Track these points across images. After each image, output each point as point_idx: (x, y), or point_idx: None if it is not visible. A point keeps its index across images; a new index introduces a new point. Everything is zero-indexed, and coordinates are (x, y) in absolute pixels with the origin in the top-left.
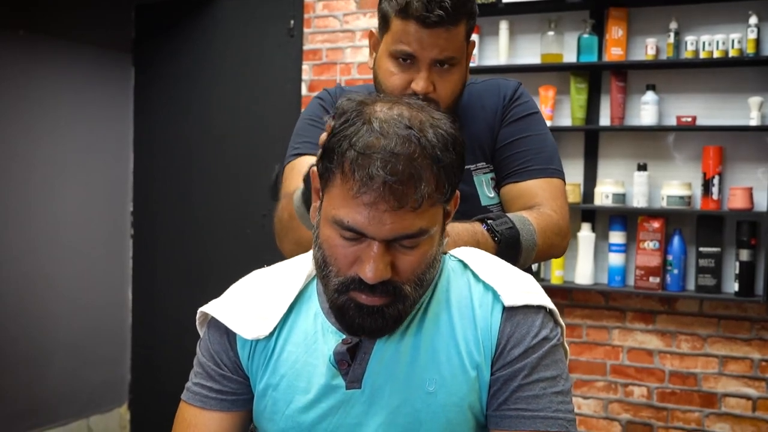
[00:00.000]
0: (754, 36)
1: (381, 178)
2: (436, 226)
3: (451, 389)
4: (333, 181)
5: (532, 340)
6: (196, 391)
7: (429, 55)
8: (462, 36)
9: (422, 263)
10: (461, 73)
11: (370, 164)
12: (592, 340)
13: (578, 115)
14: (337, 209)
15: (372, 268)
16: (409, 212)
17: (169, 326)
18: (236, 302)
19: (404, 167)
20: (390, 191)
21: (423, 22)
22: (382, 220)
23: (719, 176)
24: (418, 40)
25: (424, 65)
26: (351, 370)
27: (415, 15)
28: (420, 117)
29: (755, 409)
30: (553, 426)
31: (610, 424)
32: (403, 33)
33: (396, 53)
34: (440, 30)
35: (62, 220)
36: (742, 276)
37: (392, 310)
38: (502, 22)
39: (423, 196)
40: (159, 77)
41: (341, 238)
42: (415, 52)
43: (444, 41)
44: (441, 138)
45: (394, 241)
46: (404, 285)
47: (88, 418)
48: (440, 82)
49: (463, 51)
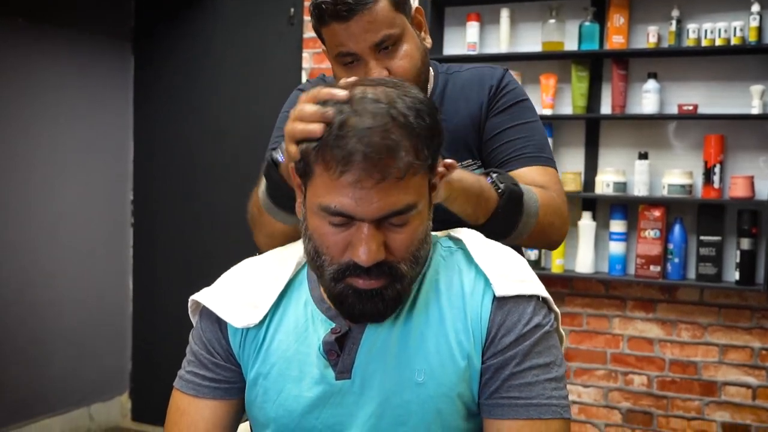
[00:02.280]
0: (756, 24)
1: (360, 153)
2: (422, 200)
3: (440, 379)
4: (314, 171)
5: (524, 327)
6: (189, 379)
7: (364, 45)
8: (387, 10)
9: (414, 240)
10: (411, 45)
11: (347, 143)
12: (592, 328)
13: (579, 103)
14: (321, 197)
15: (365, 250)
16: (394, 187)
17: (169, 315)
18: (227, 290)
19: (380, 139)
20: (372, 164)
21: (340, 18)
22: (369, 198)
23: (720, 165)
24: (346, 36)
25: (367, 56)
26: (340, 360)
27: (330, 16)
28: (388, 91)
29: (755, 398)
30: (546, 413)
31: (610, 413)
32: (332, 37)
33: (338, 58)
34: (359, 16)
35: (63, 210)
36: (743, 265)
37: (391, 291)
38: (503, 9)
39: (404, 164)
40: (159, 66)
41: (330, 226)
42: (351, 49)
43: (369, 24)
44: (411, 106)
45: (383, 220)
46: (399, 264)
47: (90, 406)
48: (392, 64)
49: (399, 23)
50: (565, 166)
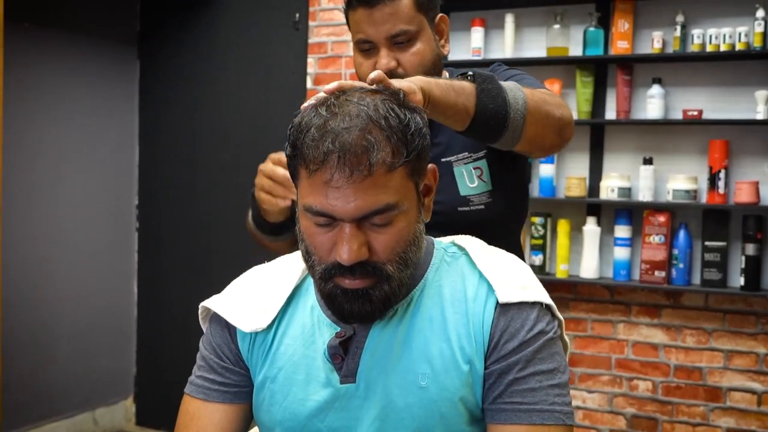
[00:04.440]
0: (761, 29)
1: (335, 152)
2: (406, 201)
3: (443, 383)
4: (299, 173)
5: (527, 334)
6: (199, 383)
7: (381, 34)
8: (409, 7)
9: (399, 241)
10: (425, 46)
11: (323, 143)
12: (597, 334)
13: (584, 108)
14: (305, 198)
15: (346, 250)
16: (371, 186)
17: (174, 319)
18: (235, 296)
19: (356, 139)
20: (344, 163)
21: (366, 4)
22: (346, 198)
23: (725, 170)
24: (367, 23)
25: (381, 44)
26: (344, 364)
27: (358, 2)
28: (370, 94)
29: (760, 404)
30: (549, 419)
31: (614, 418)
32: (356, 23)
33: (358, 44)
34: (383, 6)
35: (68, 212)
36: (748, 270)
37: (378, 292)
38: (507, 15)
39: (377, 161)
40: (164, 70)
41: (316, 226)
42: (369, 35)
43: (389, 16)
44: (389, 106)
45: (364, 220)
46: (385, 265)
47: (94, 410)
48: (403, 57)
49: (418, 23)
50: (570, 171)
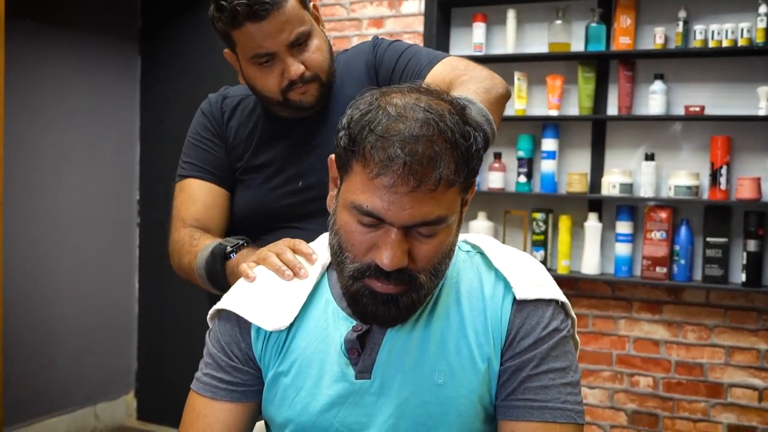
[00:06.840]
0: (763, 25)
1: (401, 159)
2: (454, 215)
3: (460, 381)
4: (352, 168)
5: (542, 331)
6: (206, 381)
7: (282, 43)
8: (296, 8)
9: (439, 253)
10: (320, 39)
11: (390, 146)
12: (598, 330)
13: (586, 104)
14: (356, 194)
15: (389, 255)
16: (428, 197)
17: (175, 315)
18: (252, 295)
19: (424, 149)
20: (410, 172)
21: (256, 17)
22: (402, 204)
23: (727, 166)
24: (262, 36)
25: (284, 53)
26: (361, 359)
27: (245, 17)
28: (437, 102)
29: (761, 400)
30: (561, 417)
31: (615, 414)
32: (246, 39)
33: (255, 59)
34: (274, 15)
35: (69, 210)
36: (750, 266)
37: (406, 299)
38: (509, 10)
39: (442, 176)
40: (165, 66)
41: (359, 224)
42: (268, 48)
43: (283, 23)
44: (458, 122)
45: (412, 228)
46: (420, 274)
47: (95, 405)
48: (306, 58)
49: (307, 20)
50: (572, 166)
